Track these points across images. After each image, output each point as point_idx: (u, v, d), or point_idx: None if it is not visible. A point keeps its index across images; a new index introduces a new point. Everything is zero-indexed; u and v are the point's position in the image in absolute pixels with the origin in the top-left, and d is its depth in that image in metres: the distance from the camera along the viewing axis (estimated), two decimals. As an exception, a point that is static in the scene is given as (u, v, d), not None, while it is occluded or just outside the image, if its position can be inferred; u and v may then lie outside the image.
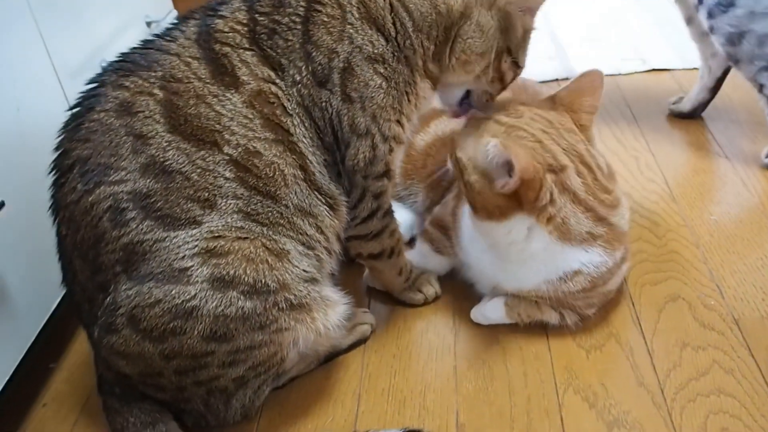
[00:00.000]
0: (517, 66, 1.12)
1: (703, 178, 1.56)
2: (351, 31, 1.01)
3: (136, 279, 0.94)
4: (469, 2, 1.05)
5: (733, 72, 1.91)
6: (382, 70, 1.03)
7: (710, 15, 1.39)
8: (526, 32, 1.11)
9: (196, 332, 0.94)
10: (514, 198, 1.04)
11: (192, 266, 0.94)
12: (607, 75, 1.96)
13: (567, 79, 1.99)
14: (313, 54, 1.01)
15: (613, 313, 1.22)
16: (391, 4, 1.03)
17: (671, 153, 1.65)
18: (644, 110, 1.79)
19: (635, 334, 1.17)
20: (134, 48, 1.03)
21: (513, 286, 1.17)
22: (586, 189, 1.07)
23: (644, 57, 2.07)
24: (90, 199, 0.95)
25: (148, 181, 0.95)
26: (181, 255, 0.94)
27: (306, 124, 1.03)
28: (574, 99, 1.13)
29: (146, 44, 1.03)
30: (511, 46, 1.09)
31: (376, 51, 1.02)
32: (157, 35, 1.04)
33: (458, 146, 1.12)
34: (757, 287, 1.24)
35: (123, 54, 1.03)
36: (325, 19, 1.01)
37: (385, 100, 1.05)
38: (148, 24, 1.65)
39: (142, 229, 0.94)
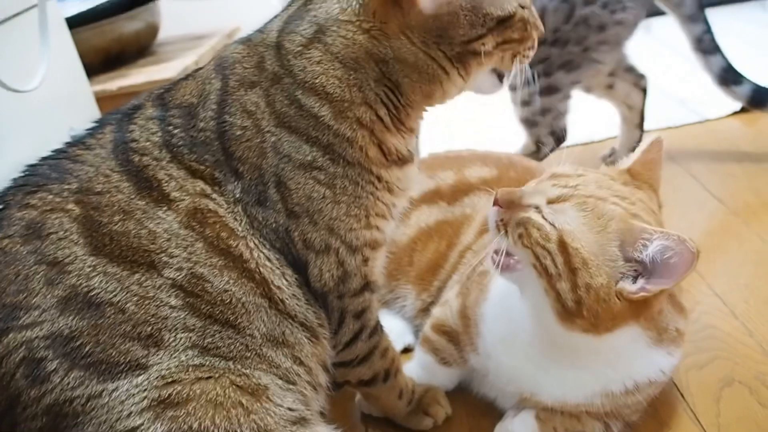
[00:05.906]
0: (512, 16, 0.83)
1: (716, 238, 1.41)
2: (273, 139, 0.82)
3: (68, 453, 0.72)
4: (375, 36, 0.81)
5: (706, 125, 1.86)
6: (322, 177, 0.83)
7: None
8: None
9: None
10: (636, 306, 0.83)
11: (142, 425, 0.73)
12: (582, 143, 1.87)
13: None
14: (241, 170, 0.82)
15: (663, 411, 1.01)
16: (293, 101, 0.82)
17: (674, 214, 1.50)
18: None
19: (697, 433, 0.97)
20: (43, 158, 0.84)
21: (556, 397, 0.93)
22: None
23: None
24: None
25: (71, 319, 0.74)
26: (125, 412, 0.73)
27: (267, 246, 0.83)
28: (652, 174, 0.92)
29: (57, 154, 0.84)
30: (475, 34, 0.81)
31: (306, 159, 0.82)
32: (69, 143, 0.86)
33: (564, 231, 0.83)
34: (819, 357, 1.06)
35: (29, 167, 0.84)
36: (238, 132, 0.82)
37: (337, 211, 0.84)
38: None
39: (69, 384, 0.73)
